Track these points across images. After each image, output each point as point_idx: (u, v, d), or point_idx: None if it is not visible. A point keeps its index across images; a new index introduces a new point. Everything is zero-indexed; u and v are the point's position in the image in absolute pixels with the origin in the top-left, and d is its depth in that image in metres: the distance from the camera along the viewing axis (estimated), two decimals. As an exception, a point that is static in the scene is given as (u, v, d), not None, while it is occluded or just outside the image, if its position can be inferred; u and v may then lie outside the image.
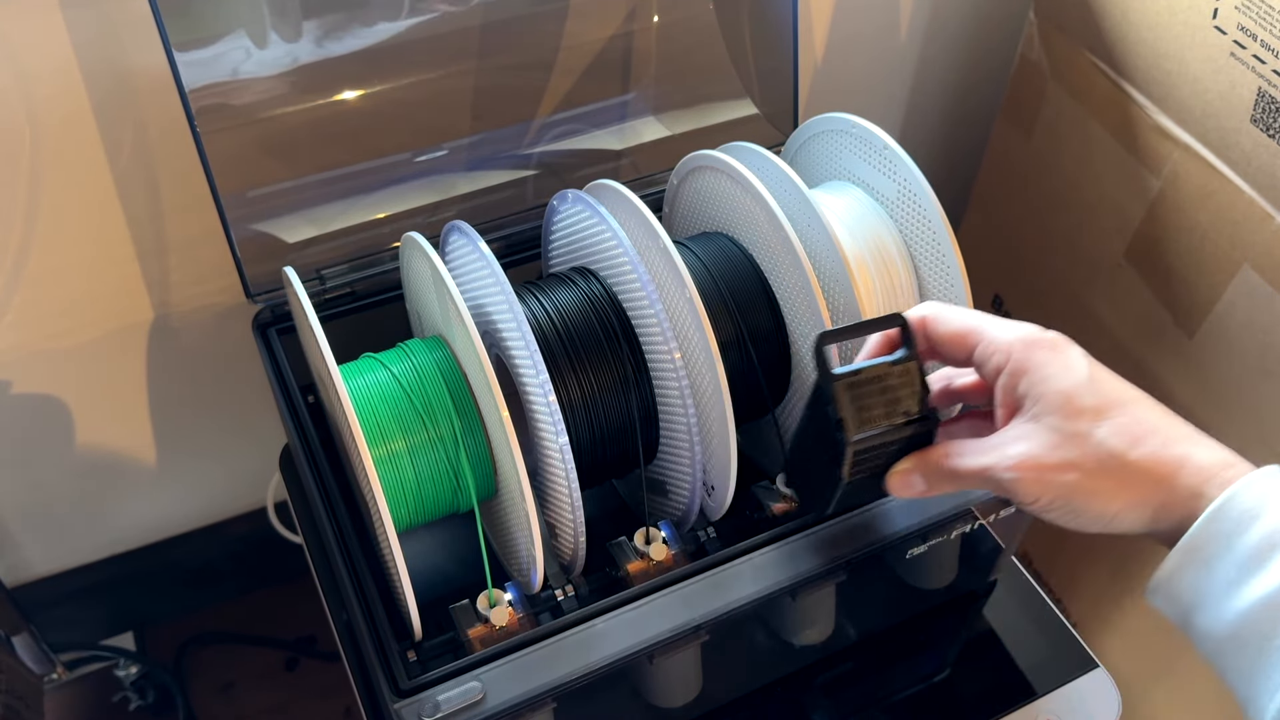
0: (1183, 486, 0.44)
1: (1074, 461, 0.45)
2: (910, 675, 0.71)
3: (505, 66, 0.78)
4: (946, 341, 0.50)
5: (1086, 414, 0.45)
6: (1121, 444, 0.45)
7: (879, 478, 0.51)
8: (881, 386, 0.49)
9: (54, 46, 0.69)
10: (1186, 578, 0.44)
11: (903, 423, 0.50)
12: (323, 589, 0.69)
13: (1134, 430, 0.45)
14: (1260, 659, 0.41)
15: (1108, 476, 0.45)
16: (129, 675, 1.07)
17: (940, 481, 0.50)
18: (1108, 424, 0.45)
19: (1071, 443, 0.45)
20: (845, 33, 0.98)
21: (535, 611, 0.58)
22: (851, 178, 0.68)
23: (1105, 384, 0.47)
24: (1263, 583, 0.41)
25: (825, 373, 0.49)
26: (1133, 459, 0.45)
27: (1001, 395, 0.49)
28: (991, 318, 0.50)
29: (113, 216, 0.78)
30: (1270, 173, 0.75)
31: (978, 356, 0.49)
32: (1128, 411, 0.46)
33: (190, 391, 0.93)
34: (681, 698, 0.65)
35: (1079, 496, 0.45)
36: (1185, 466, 0.45)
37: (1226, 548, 0.43)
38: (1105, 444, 0.45)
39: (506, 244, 0.76)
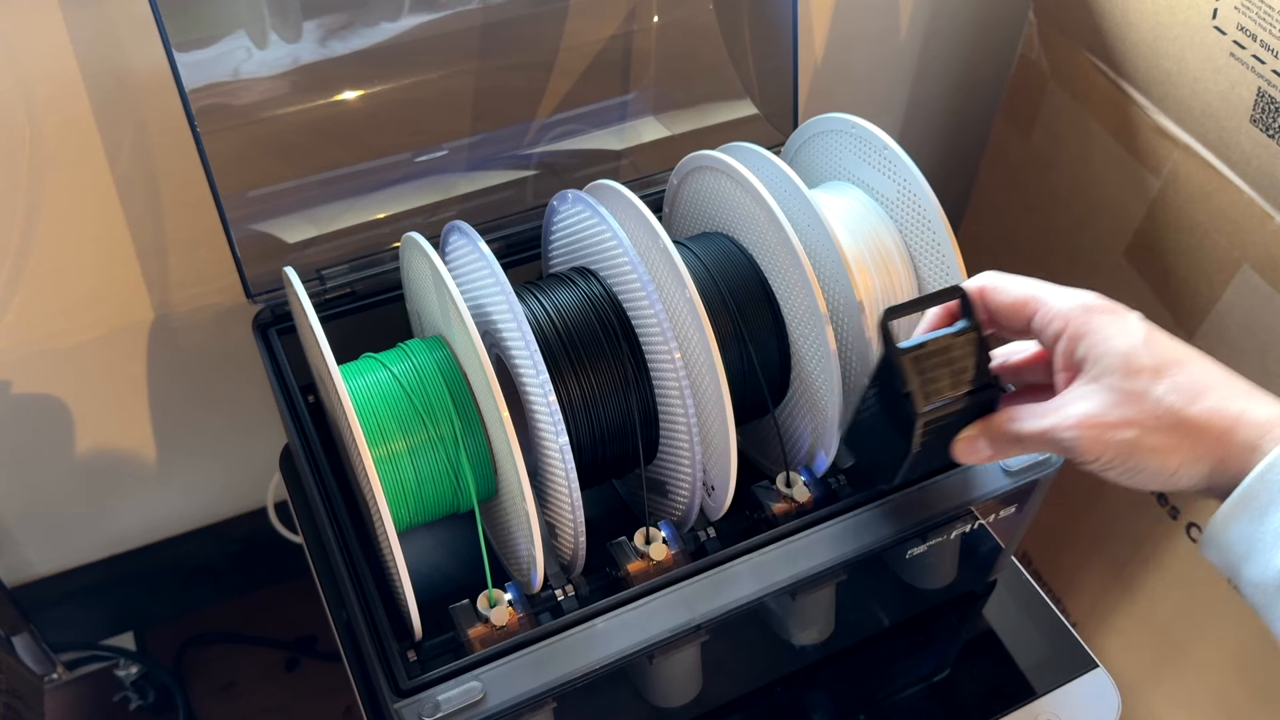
0: (1239, 441, 0.45)
1: (1133, 419, 0.46)
2: (910, 675, 0.71)
3: (505, 66, 0.78)
4: (1005, 310, 0.51)
5: (1145, 372, 0.46)
6: (1180, 400, 0.46)
7: (945, 446, 0.53)
8: (946, 358, 0.51)
9: (54, 46, 0.69)
10: (1238, 528, 0.45)
11: (968, 391, 0.51)
12: (323, 589, 0.69)
13: (1192, 387, 0.46)
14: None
15: (1167, 433, 0.46)
16: (129, 675, 1.07)
17: (1004, 446, 0.51)
18: (1166, 381, 0.46)
19: (1130, 401, 0.46)
20: (845, 33, 0.98)
21: (535, 611, 0.58)
22: (851, 178, 0.68)
23: (1163, 344, 0.48)
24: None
25: (892, 347, 0.50)
26: (1190, 415, 0.45)
27: (1061, 360, 0.50)
28: (1049, 285, 0.51)
29: (113, 216, 0.78)
30: (1270, 173, 0.75)
31: (1036, 324, 0.50)
32: (1186, 369, 0.47)
33: (190, 391, 0.93)
34: (681, 698, 0.65)
35: (1138, 453, 0.46)
36: (1242, 421, 0.45)
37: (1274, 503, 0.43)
38: (1164, 401, 0.46)
39: (506, 244, 0.76)
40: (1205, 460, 0.46)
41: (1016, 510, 0.66)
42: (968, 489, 0.62)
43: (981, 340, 0.52)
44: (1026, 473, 0.63)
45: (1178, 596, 0.96)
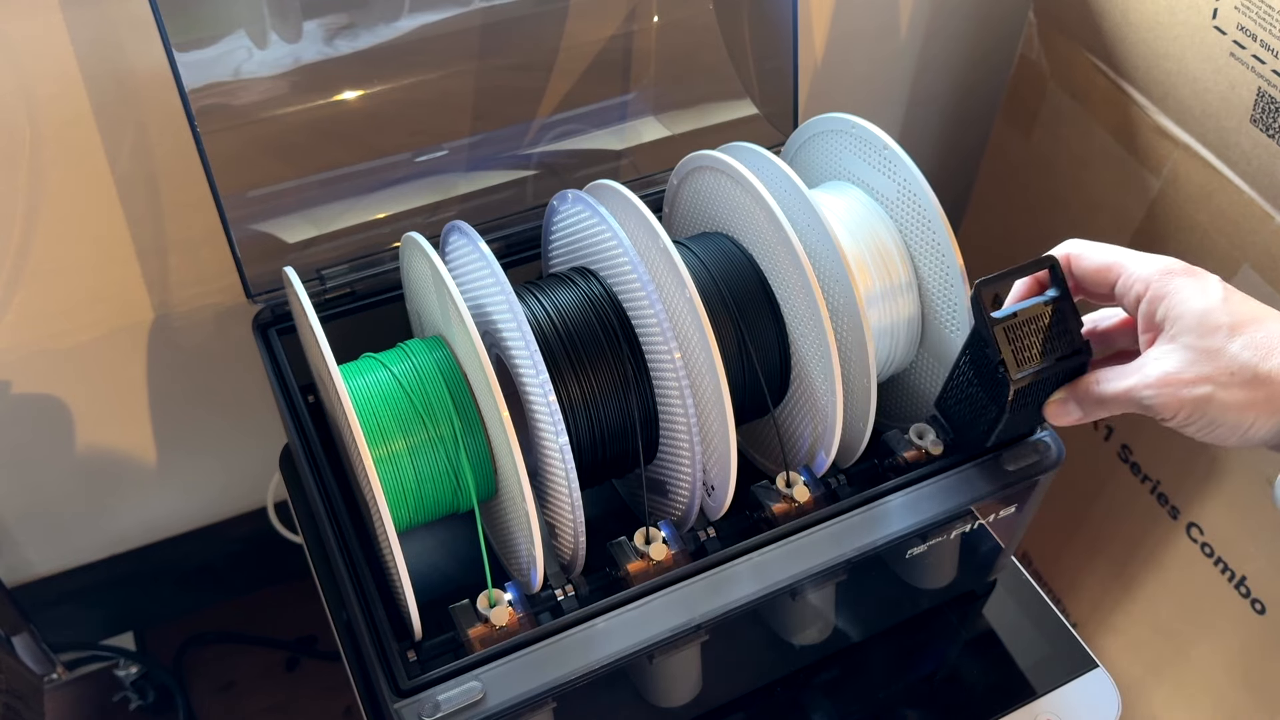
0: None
1: (1209, 375, 0.48)
2: (910, 675, 0.71)
3: (505, 66, 0.78)
4: (1089, 276, 0.53)
5: (1220, 330, 0.48)
6: (1254, 357, 0.47)
7: (1036, 409, 0.56)
8: (1037, 327, 0.54)
9: (54, 46, 0.69)
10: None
11: (1059, 358, 0.54)
12: (323, 589, 0.69)
13: (1267, 343, 0.48)
14: None
15: (1241, 388, 0.47)
16: (129, 675, 1.07)
17: (1092, 407, 0.53)
18: (1241, 338, 0.48)
19: (1206, 358, 0.48)
20: (845, 33, 0.98)
21: (535, 611, 0.58)
22: (851, 178, 0.68)
23: (1240, 303, 0.49)
24: None
25: (984, 318, 0.53)
26: (1266, 370, 0.47)
27: (1143, 323, 0.51)
28: (1131, 252, 0.53)
29: (113, 216, 0.78)
30: (1270, 173, 0.75)
31: (1119, 289, 0.52)
32: (1262, 327, 0.48)
33: (190, 391, 0.93)
34: (681, 698, 0.65)
35: (1214, 408, 0.48)
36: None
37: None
38: (1238, 357, 0.48)
39: (506, 244, 0.76)
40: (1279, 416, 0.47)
41: (1016, 510, 0.66)
42: (968, 489, 0.62)
43: (1071, 308, 0.54)
44: (1026, 472, 0.63)
45: (1178, 596, 0.96)
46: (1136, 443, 0.96)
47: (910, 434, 0.64)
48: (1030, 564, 1.13)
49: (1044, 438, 0.64)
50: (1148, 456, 0.95)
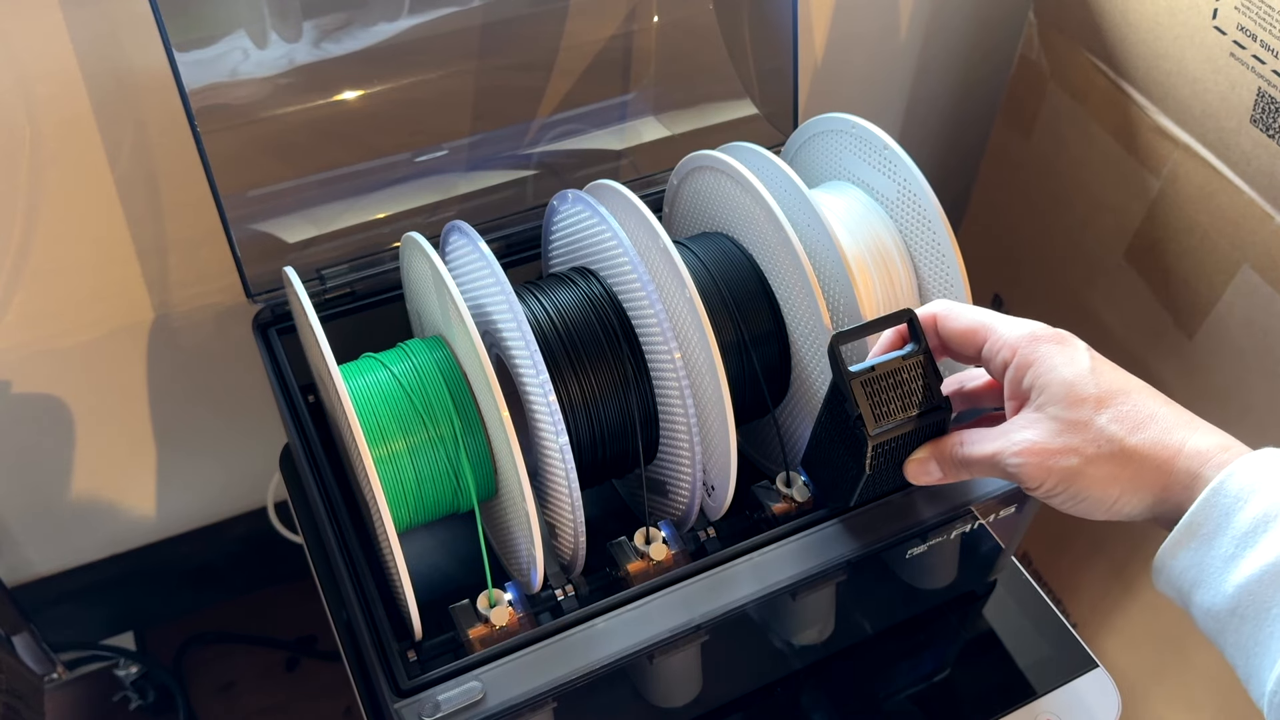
0: (1181, 470, 0.46)
1: (1076, 447, 0.47)
2: (910, 675, 0.71)
3: (505, 66, 0.78)
4: (956, 338, 0.52)
5: (1088, 402, 0.47)
6: (1121, 430, 0.47)
7: (898, 467, 0.54)
8: (896, 380, 0.52)
9: (54, 46, 0.69)
10: (1186, 556, 0.45)
11: (918, 413, 0.52)
12: (323, 589, 0.69)
13: (1134, 417, 0.47)
14: (1259, 631, 0.42)
15: (1108, 462, 0.47)
16: (129, 675, 1.07)
17: (953, 468, 0.52)
18: (1109, 411, 0.47)
19: (1074, 430, 0.47)
20: (845, 33, 0.98)
21: (535, 611, 0.58)
22: (851, 178, 0.68)
23: (1107, 374, 0.49)
24: (1260, 556, 0.42)
25: (841, 371, 0.51)
26: (1132, 444, 0.46)
27: (1009, 389, 0.51)
28: (1000, 316, 0.52)
29: (113, 216, 0.78)
30: (1270, 173, 0.75)
31: (986, 352, 0.51)
32: (1129, 400, 0.48)
33: (190, 391, 0.93)
34: (681, 698, 0.65)
35: (1080, 481, 0.47)
36: (1183, 451, 0.46)
37: (1224, 524, 0.44)
38: (1106, 430, 0.47)
39: (506, 244, 0.76)
40: (1148, 490, 0.47)
41: (1016, 510, 0.66)
42: (968, 489, 0.62)
43: (931, 363, 0.53)
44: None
45: (1178, 596, 0.96)
46: (1136, 443, 0.96)
47: (910, 434, 0.64)
48: (1030, 564, 1.13)
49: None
50: (1148, 456, 0.95)
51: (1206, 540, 0.44)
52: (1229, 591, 0.43)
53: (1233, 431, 0.88)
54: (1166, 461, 0.46)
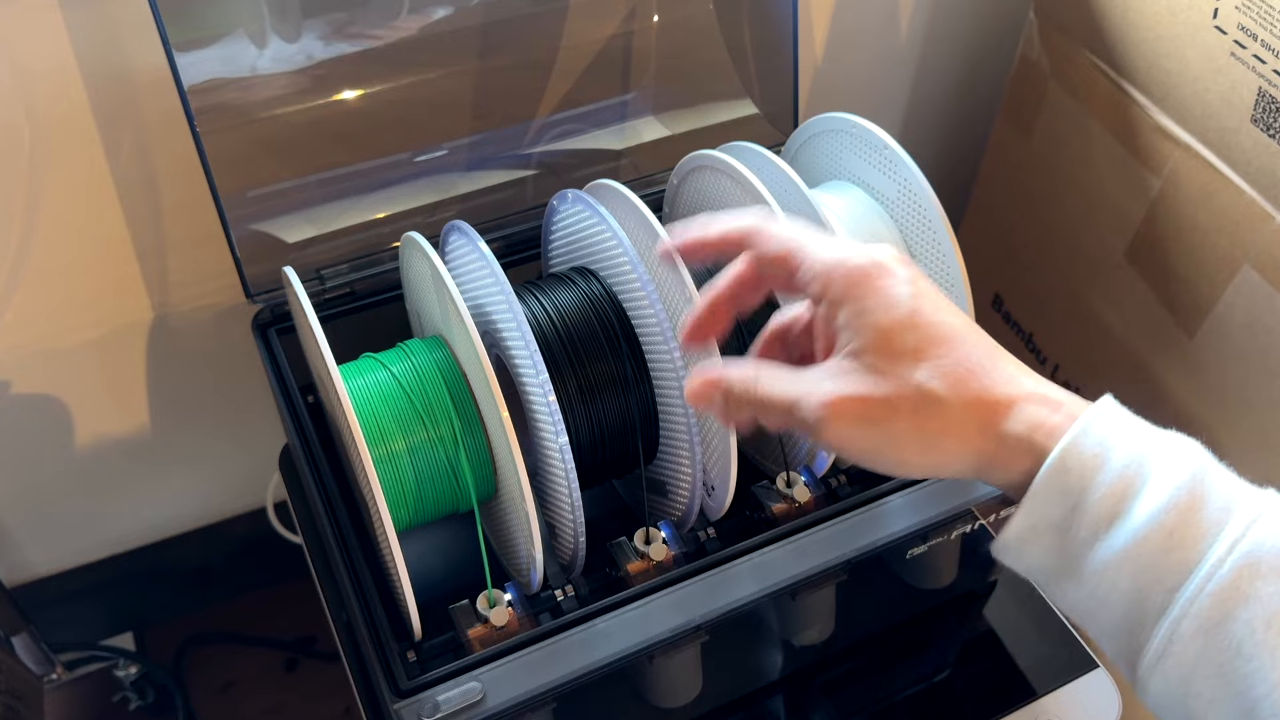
0: (1009, 436, 0.41)
1: (891, 403, 0.41)
2: (910, 675, 0.71)
3: (505, 66, 0.78)
4: (772, 264, 0.45)
5: (906, 354, 0.41)
6: (941, 387, 0.41)
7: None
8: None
9: (54, 46, 0.69)
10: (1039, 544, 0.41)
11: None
12: (323, 589, 0.69)
13: (955, 371, 0.41)
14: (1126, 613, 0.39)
15: (926, 421, 0.41)
16: (129, 675, 1.07)
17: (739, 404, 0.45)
18: (927, 365, 0.41)
19: (888, 384, 0.41)
20: (845, 32, 0.98)
21: (535, 611, 0.58)
22: (851, 178, 0.68)
23: (928, 318, 0.42)
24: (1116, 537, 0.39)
25: None
26: (951, 402, 0.41)
27: (820, 325, 0.45)
28: (815, 236, 0.45)
29: (112, 216, 0.78)
30: (1270, 173, 0.75)
31: (799, 281, 0.44)
32: (951, 351, 0.42)
33: (190, 391, 0.93)
34: (681, 698, 0.65)
35: (893, 444, 0.42)
36: (1010, 412, 0.41)
37: (1075, 507, 0.40)
38: (924, 387, 0.41)
39: (506, 244, 0.76)
40: (973, 453, 0.41)
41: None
42: (968, 489, 0.62)
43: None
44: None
45: (1178, 596, 0.96)
46: (1137, 443, 0.96)
47: (910, 434, 0.64)
48: (1030, 564, 1.12)
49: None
50: (1148, 456, 0.95)
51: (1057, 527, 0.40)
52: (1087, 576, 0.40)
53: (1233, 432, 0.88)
54: (992, 424, 0.41)
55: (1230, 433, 0.85)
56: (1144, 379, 0.92)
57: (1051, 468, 0.40)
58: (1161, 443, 0.40)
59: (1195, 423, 0.88)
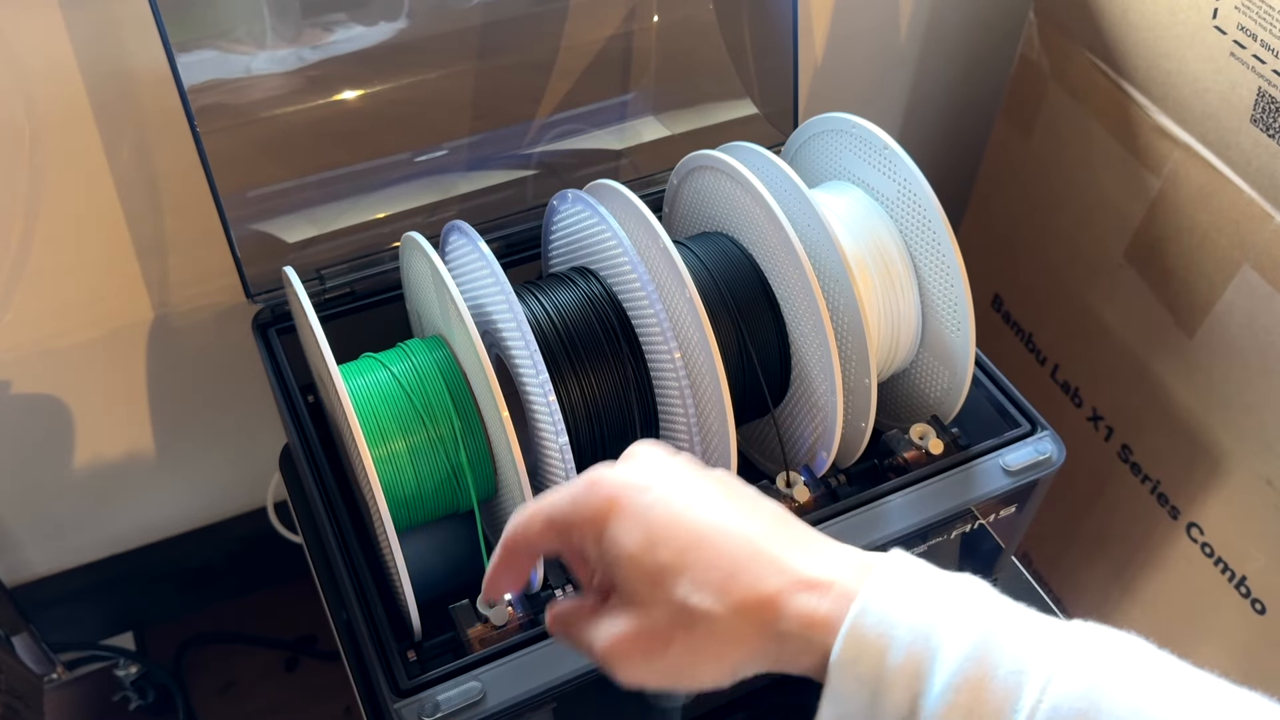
0: (788, 635, 0.38)
1: (660, 633, 0.39)
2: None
3: (505, 66, 0.78)
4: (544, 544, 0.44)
5: (662, 573, 0.39)
6: (704, 600, 0.38)
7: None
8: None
9: (54, 46, 0.69)
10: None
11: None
12: (323, 589, 0.69)
13: (714, 577, 0.39)
14: None
15: (704, 641, 0.39)
16: (129, 675, 1.07)
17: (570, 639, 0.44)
18: (685, 578, 0.39)
19: (655, 612, 0.39)
20: (845, 32, 0.98)
21: (535, 611, 0.58)
22: (851, 178, 0.68)
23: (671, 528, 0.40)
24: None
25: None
26: (720, 615, 0.38)
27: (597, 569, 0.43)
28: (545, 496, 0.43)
29: (113, 216, 0.78)
30: (1270, 173, 0.75)
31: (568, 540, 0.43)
32: (705, 553, 0.39)
33: (190, 391, 0.93)
34: (681, 697, 0.65)
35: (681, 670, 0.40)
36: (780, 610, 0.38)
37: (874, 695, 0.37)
38: (688, 604, 0.39)
39: (506, 244, 0.76)
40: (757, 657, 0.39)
41: (1016, 510, 0.66)
42: (968, 489, 0.62)
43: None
44: (1026, 473, 0.63)
45: (1178, 596, 0.96)
46: (1137, 443, 0.96)
47: (910, 434, 0.64)
48: (1030, 564, 1.13)
49: (1044, 438, 0.64)
50: (1148, 456, 0.95)
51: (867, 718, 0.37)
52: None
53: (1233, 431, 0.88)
54: (766, 626, 0.38)
55: (1230, 433, 0.85)
56: (1144, 379, 0.92)
57: (838, 661, 0.37)
58: (946, 604, 0.38)
59: (1195, 423, 0.88)
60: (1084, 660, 0.36)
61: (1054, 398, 1.04)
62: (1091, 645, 0.37)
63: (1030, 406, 0.66)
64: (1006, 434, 0.65)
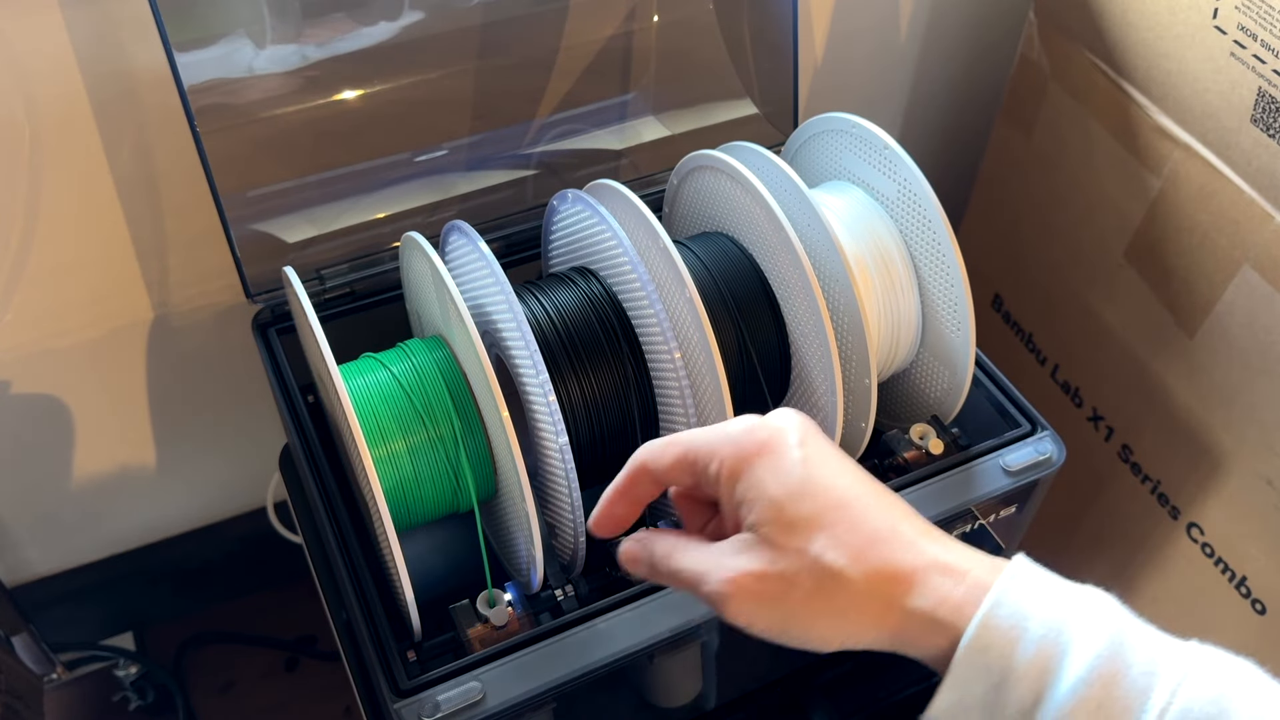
0: (915, 612, 0.39)
1: (790, 581, 0.40)
2: (910, 675, 0.71)
3: (505, 66, 0.78)
4: (671, 473, 0.45)
5: (800, 525, 0.40)
6: (839, 559, 0.39)
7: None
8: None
9: (54, 46, 0.69)
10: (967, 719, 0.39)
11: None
12: (323, 589, 0.69)
13: (853, 540, 0.40)
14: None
15: (829, 598, 0.39)
16: (129, 675, 1.07)
17: (660, 574, 0.45)
18: (824, 536, 0.40)
19: (786, 558, 0.40)
20: (845, 32, 0.98)
21: (535, 611, 0.58)
22: (851, 178, 0.68)
23: (823, 484, 0.41)
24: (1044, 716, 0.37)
25: None
26: (853, 577, 0.39)
27: (723, 504, 0.44)
28: (697, 431, 0.44)
29: (113, 216, 0.78)
30: (1270, 173, 0.75)
31: (700, 473, 0.44)
32: (847, 516, 0.40)
33: (190, 391, 0.93)
34: (681, 698, 0.65)
35: (798, 621, 0.40)
36: (914, 586, 0.39)
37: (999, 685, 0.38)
38: (821, 559, 0.39)
39: (506, 244, 0.76)
40: (881, 628, 0.40)
41: (1016, 510, 0.66)
42: (968, 489, 0.62)
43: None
44: (1026, 473, 0.63)
45: (1178, 596, 0.96)
46: (1137, 443, 0.96)
47: (910, 434, 0.64)
48: (1030, 564, 1.12)
49: (1044, 438, 0.64)
50: (1148, 456, 0.95)
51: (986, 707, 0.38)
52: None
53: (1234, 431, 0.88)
54: (897, 598, 0.39)
55: (1230, 433, 0.85)
56: (1144, 379, 0.92)
57: (969, 646, 0.38)
58: (1077, 605, 0.39)
59: (1195, 423, 0.88)
60: (1213, 669, 0.38)
61: (1054, 398, 1.04)
62: (1218, 658, 0.39)
63: (1030, 406, 0.66)
64: (1007, 434, 0.65)
